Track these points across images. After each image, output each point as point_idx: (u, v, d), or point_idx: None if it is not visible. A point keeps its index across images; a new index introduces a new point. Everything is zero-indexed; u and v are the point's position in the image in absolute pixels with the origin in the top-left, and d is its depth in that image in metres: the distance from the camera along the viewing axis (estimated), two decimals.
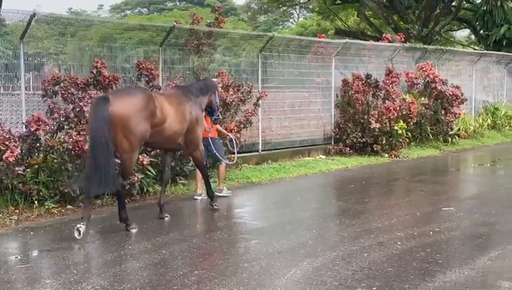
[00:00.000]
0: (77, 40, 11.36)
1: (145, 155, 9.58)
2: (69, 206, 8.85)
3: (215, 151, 9.72)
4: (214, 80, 10.28)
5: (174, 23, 12.11)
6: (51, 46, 11.30)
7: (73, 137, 8.76)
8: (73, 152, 8.81)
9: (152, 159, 9.72)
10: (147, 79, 10.52)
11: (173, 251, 6.74)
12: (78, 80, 9.69)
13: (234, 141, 10.36)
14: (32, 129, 8.68)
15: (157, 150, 9.85)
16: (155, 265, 6.23)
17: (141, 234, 7.53)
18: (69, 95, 9.42)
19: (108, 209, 8.89)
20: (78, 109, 9.10)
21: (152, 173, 9.81)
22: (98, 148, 7.13)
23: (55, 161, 8.91)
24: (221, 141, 10.23)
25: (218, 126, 10.14)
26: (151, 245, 6.96)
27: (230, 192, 10.20)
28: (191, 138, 8.45)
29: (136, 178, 9.23)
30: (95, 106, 7.47)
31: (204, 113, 9.17)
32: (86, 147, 8.79)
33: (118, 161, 7.67)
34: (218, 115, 9.68)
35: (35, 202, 8.66)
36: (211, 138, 9.71)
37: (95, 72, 9.76)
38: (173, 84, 10.60)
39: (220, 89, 10.42)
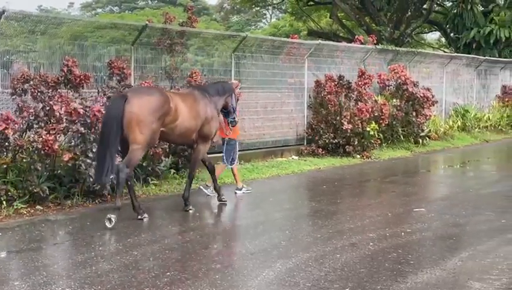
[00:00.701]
0: (47, 38, 11.16)
1: (116, 155, 9.45)
2: (38, 207, 8.68)
3: (226, 152, 10.22)
4: (234, 82, 10.67)
5: (147, 22, 12.02)
6: (20, 43, 11.10)
7: (43, 136, 8.60)
8: (42, 151, 8.65)
9: None
10: (118, 78, 10.41)
11: (145, 252, 6.66)
12: (48, 79, 9.55)
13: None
14: (1, 128, 8.47)
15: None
16: (126, 266, 6.14)
17: (112, 235, 7.44)
18: (39, 94, 9.24)
19: (78, 210, 8.75)
20: (48, 108, 8.93)
21: None
22: (105, 143, 7.86)
23: (24, 160, 8.75)
24: (235, 143, 10.42)
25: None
26: (122, 246, 6.88)
27: (214, 192, 10.15)
28: (203, 133, 8.96)
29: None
30: (111, 103, 8.35)
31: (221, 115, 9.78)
32: (56, 146, 8.68)
33: None
34: (234, 117, 9.93)
35: (4, 202, 8.46)
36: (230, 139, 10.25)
37: (65, 71, 9.63)
38: (145, 84, 10.55)
39: (238, 91, 10.45)
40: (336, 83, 15.09)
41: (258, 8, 48.79)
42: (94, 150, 9.02)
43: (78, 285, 5.55)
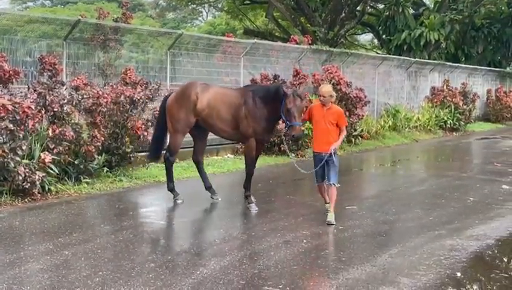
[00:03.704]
0: None
1: (47, 153, 9.24)
2: None
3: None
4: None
5: (79, 17, 11.82)
6: None
7: None
8: None
9: (54, 157, 9.40)
10: (50, 74, 10.16)
11: (76, 252, 6.52)
12: None
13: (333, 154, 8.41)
14: None
15: (61, 148, 9.58)
16: (57, 267, 6.01)
17: (42, 234, 7.25)
18: None
19: (6, 209, 8.48)
20: None
21: (54, 171, 9.48)
22: (155, 130, 10.03)
23: None
24: (318, 156, 8.56)
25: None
26: (53, 246, 6.71)
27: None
28: (239, 131, 9.07)
29: (37, 176, 8.88)
30: (163, 99, 9.87)
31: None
32: None
33: None
34: (287, 128, 8.64)
35: None
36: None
37: None
38: (78, 80, 10.37)
39: (293, 99, 8.41)
40: (271, 82, 15.19)
41: (194, 6, 48.56)
42: (24, 148, 8.79)
43: (6, 286, 5.39)
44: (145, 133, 11.22)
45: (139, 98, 11.03)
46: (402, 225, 8.36)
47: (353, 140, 17.86)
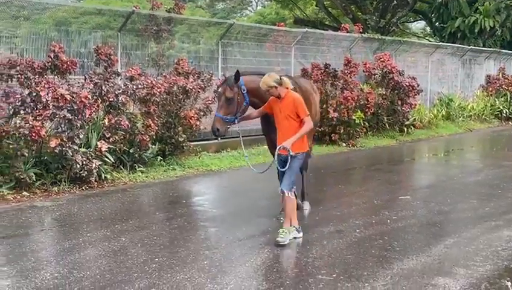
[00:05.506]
0: (31, 23, 11.10)
1: (103, 142, 9.45)
2: (25, 193, 8.65)
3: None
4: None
5: (134, 8, 11.98)
6: (3, 29, 11.00)
7: (30, 122, 8.55)
8: (29, 138, 8.60)
9: (110, 146, 9.60)
10: (105, 64, 10.36)
11: (133, 239, 6.67)
12: (34, 64, 9.47)
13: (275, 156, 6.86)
14: None
15: (116, 137, 9.77)
16: (115, 253, 6.16)
17: (100, 221, 7.44)
18: (25, 80, 9.19)
19: (65, 197, 8.73)
20: (34, 94, 8.87)
21: (110, 160, 9.68)
22: None
23: (10, 146, 8.70)
24: (280, 157, 6.77)
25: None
26: (110, 233, 6.88)
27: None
28: None
29: (94, 165, 9.10)
30: None
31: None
32: (43, 132, 8.63)
33: None
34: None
35: None
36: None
37: (52, 57, 9.57)
38: (132, 70, 10.53)
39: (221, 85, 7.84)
40: (322, 71, 15.10)
41: None
42: (81, 137, 9.02)
43: (67, 270, 5.56)
44: (198, 123, 11.33)
45: (191, 88, 11.14)
46: (457, 215, 8.22)
47: (405, 129, 17.64)
